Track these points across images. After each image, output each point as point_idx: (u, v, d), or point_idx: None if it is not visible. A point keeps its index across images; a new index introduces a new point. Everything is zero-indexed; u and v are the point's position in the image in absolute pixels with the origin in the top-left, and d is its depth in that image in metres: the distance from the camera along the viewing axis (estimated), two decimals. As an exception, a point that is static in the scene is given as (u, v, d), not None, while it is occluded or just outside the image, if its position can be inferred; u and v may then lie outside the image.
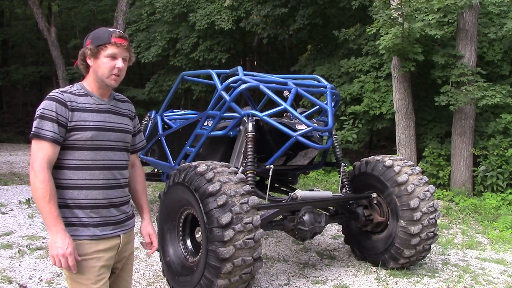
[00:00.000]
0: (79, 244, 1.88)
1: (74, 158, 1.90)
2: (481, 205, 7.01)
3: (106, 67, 1.93)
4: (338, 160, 4.53)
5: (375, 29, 7.65)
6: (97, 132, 1.92)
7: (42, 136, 1.83)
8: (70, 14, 20.55)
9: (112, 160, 1.99)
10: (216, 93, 4.41)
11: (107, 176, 1.96)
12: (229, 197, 3.17)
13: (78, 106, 1.91)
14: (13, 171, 9.64)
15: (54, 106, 1.87)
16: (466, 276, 4.26)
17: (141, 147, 2.28)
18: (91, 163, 1.92)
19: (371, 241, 4.34)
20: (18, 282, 3.74)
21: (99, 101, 1.99)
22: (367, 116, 9.30)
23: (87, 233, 1.90)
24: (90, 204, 1.91)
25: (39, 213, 6.03)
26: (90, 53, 1.94)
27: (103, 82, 1.96)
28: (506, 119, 7.67)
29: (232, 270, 3.09)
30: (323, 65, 10.86)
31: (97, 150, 1.93)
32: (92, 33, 1.99)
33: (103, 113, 1.98)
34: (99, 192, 1.93)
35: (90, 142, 1.91)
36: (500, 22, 8.08)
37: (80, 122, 1.89)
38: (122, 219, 2.03)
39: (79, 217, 1.90)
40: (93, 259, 1.90)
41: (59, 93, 1.91)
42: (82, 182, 1.90)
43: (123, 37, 1.97)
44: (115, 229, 1.99)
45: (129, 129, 2.10)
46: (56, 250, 1.78)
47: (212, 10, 11.89)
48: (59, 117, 1.86)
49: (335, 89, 4.50)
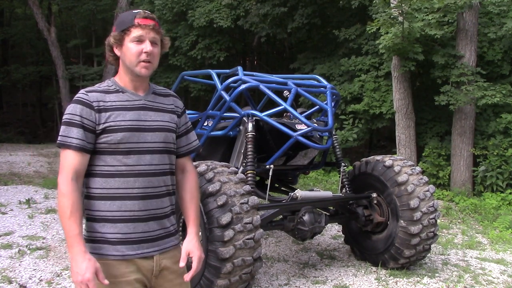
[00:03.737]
0: (107, 264, 1.63)
1: (106, 164, 1.65)
2: (481, 205, 7.01)
3: (132, 53, 1.66)
4: (338, 160, 4.53)
5: (375, 28, 7.65)
6: (129, 133, 1.65)
7: (68, 145, 1.61)
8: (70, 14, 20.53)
9: (151, 165, 1.69)
10: (216, 93, 4.41)
11: (144, 184, 1.67)
12: (229, 197, 3.17)
13: (106, 105, 1.66)
14: (13, 171, 9.64)
15: (78, 109, 1.64)
16: (466, 276, 4.26)
17: (194, 148, 1.91)
18: (124, 169, 1.65)
19: (371, 241, 4.34)
20: (18, 282, 3.74)
21: (133, 96, 1.72)
22: (367, 115, 9.31)
23: (115, 253, 1.64)
24: (124, 216, 1.65)
25: (39, 213, 6.06)
26: (114, 40, 1.69)
27: (133, 72, 1.69)
28: (507, 119, 7.67)
29: (232, 270, 3.09)
30: (324, 64, 10.87)
31: (130, 154, 1.66)
32: (117, 18, 1.75)
33: (137, 110, 1.70)
34: (134, 203, 1.66)
35: (123, 145, 1.65)
36: (500, 21, 8.08)
37: (110, 123, 1.64)
38: (160, 235, 1.72)
39: (108, 233, 1.65)
40: (121, 282, 1.63)
41: (84, 93, 1.68)
42: (115, 191, 1.65)
43: (149, 17, 1.68)
44: (152, 247, 1.70)
45: (172, 127, 1.77)
46: (75, 276, 1.52)
47: (211, 8, 11.91)
48: (85, 121, 1.63)
49: (335, 89, 4.50)
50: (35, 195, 7.16)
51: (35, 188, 7.86)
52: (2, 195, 7.15)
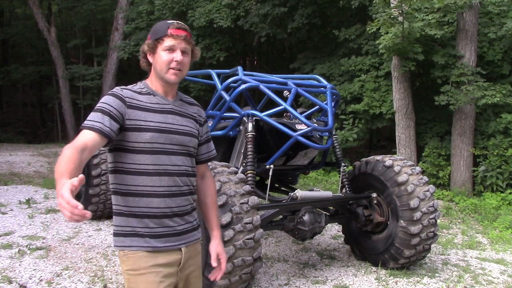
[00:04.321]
0: (136, 257, 1.72)
1: (134, 162, 1.73)
2: (481, 205, 7.01)
3: (163, 61, 1.77)
4: (338, 160, 4.52)
5: (375, 28, 7.65)
6: (157, 133, 1.75)
7: (87, 126, 1.66)
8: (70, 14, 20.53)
9: (175, 166, 1.79)
10: (216, 93, 4.41)
11: (169, 182, 1.77)
12: (229, 197, 3.17)
13: (137, 104, 1.76)
14: (13, 171, 9.64)
15: (110, 99, 1.72)
16: (466, 276, 4.26)
17: (212, 156, 2.05)
18: (152, 168, 1.74)
19: (371, 241, 4.34)
20: (18, 282, 3.74)
21: (163, 100, 1.83)
22: (367, 115, 9.31)
23: (145, 245, 1.73)
24: (151, 213, 1.74)
25: (39, 213, 6.06)
26: (147, 48, 1.81)
27: (163, 78, 1.80)
28: (507, 119, 7.67)
29: (232, 270, 3.09)
30: (324, 64, 10.87)
31: (157, 154, 1.75)
32: (153, 27, 1.86)
33: (166, 113, 1.81)
34: (160, 200, 1.75)
35: (150, 145, 1.74)
36: (500, 21, 8.09)
37: (140, 122, 1.73)
38: (186, 229, 1.84)
39: (137, 227, 1.74)
40: (151, 273, 1.72)
41: (119, 89, 1.79)
42: (142, 188, 1.74)
43: (182, 28, 1.80)
44: (178, 241, 1.80)
45: (195, 133, 1.89)
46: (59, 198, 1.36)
47: (211, 8, 11.91)
48: (113, 110, 1.69)
49: (335, 89, 4.50)
50: (35, 195, 7.16)
51: (35, 188, 7.86)
52: (2, 195, 7.15)
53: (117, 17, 16.12)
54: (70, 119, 17.72)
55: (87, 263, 4.27)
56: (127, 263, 1.74)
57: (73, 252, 4.58)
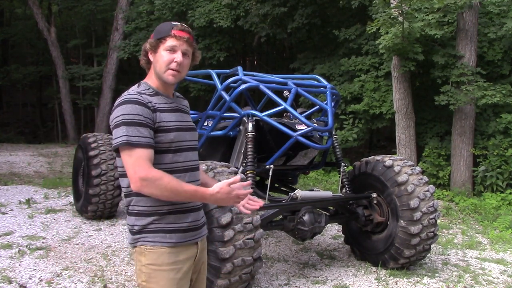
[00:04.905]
0: (158, 252, 1.77)
1: (159, 162, 1.75)
2: (481, 205, 7.01)
3: (164, 61, 1.79)
4: (338, 160, 4.52)
5: (374, 28, 7.65)
6: (178, 132, 1.81)
7: (135, 144, 1.67)
8: (70, 14, 20.52)
9: (191, 161, 1.87)
10: (216, 93, 4.41)
11: (191, 178, 1.84)
12: (229, 197, 3.17)
13: (155, 106, 1.78)
14: (13, 171, 9.64)
15: (139, 109, 1.71)
16: (466, 276, 4.26)
17: None
18: (174, 167, 1.79)
19: (371, 241, 4.34)
20: (18, 282, 3.74)
21: (168, 99, 1.86)
22: (367, 115, 9.31)
23: (168, 240, 1.78)
24: (174, 209, 1.79)
25: (39, 213, 6.06)
26: (150, 46, 1.83)
27: (161, 77, 1.82)
28: (507, 119, 7.67)
29: (232, 270, 3.09)
30: (324, 64, 10.87)
31: (179, 151, 1.81)
32: (157, 27, 1.89)
33: (175, 112, 1.86)
34: None
35: (174, 144, 1.79)
36: (500, 21, 8.08)
37: (163, 123, 1.77)
38: (202, 224, 1.92)
39: (161, 224, 1.78)
40: (172, 270, 1.78)
41: (137, 94, 1.77)
42: None
43: (185, 30, 1.83)
44: (195, 236, 1.87)
45: (194, 126, 1.97)
46: (231, 200, 1.76)
47: (211, 8, 11.91)
48: (147, 120, 1.72)
49: (335, 89, 4.50)
50: (35, 195, 7.16)
51: (35, 188, 7.86)
52: (2, 195, 7.15)
53: (117, 17, 16.12)
54: (70, 119, 17.71)
55: (87, 263, 4.27)
56: (149, 257, 1.77)
57: (73, 252, 4.58)
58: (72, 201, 6.57)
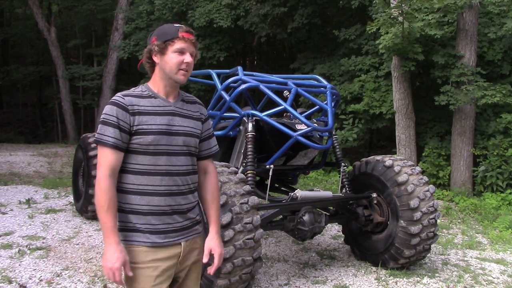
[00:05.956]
0: (136, 251, 1.82)
1: (137, 163, 1.83)
2: (481, 205, 7.01)
3: (174, 62, 1.85)
4: (338, 160, 4.52)
5: (375, 28, 7.65)
6: (159, 136, 1.83)
7: (104, 142, 1.78)
8: (70, 14, 20.52)
9: (175, 166, 1.87)
10: (216, 93, 4.41)
11: (168, 182, 1.85)
12: (229, 197, 3.17)
13: (140, 109, 1.83)
14: (13, 171, 9.64)
15: (115, 111, 1.80)
16: (466, 276, 4.26)
17: (214, 152, 2.11)
18: (152, 169, 1.83)
19: (371, 241, 4.34)
20: (18, 282, 3.74)
21: (164, 102, 1.89)
22: (367, 115, 9.31)
23: (145, 240, 1.82)
24: (152, 210, 1.83)
25: (39, 213, 6.06)
26: (158, 49, 1.86)
27: (171, 78, 1.88)
28: (507, 119, 7.67)
29: (232, 270, 3.09)
30: (324, 64, 10.87)
31: (158, 155, 1.84)
32: (157, 30, 1.92)
33: (167, 115, 1.87)
34: (160, 199, 1.84)
35: (153, 147, 1.82)
36: (500, 21, 8.08)
37: (142, 126, 1.82)
38: (186, 226, 1.92)
39: (139, 223, 1.83)
40: (149, 268, 1.82)
41: (121, 97, 1.85)
42: (144, 187, 1.83)
43: (190, 31, 1.90)
44: (177, 237, 1.89)
45: (196, 132, 1.96)
46: (105, 262, 1.74)
47: (211, 8, 11.91)
48: (120, 122, 1.79)
49: (335, 89, 4.50)
50: (35, 195, 7.16)
51: (35, 188, 7.86)
52: (2, 195, 7.15)
53: (117, 17, 16.12)
54: (70, 119, 17.72)
55: (87, 263, 4.27)
56: (129, 255, 1.81)
57: (73, 252, 4.58)
58: (72, 201, 6.58)
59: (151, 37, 1.91)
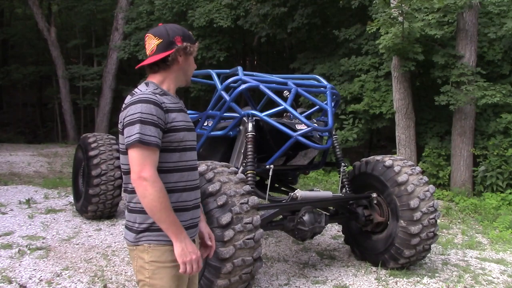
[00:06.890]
0: (161, 250, 1.79)
1: (166, 161, 1.80)
2: (481, 205, 7.01)
3: (194, 67, 1.96)
4: (338, 160, 4.53)
5: (375, 28, 7.65)
6: (185, 132, 1.86)
7: (148, 142, 1.72)
8: (70, 14, 20.51)
9: (193, 160, 1.93)
10: (216, 93, 4.41)
11: (193, 177, 1.90)
12: (229, 197, 3.17)
13: (167, 106, 1.82)
14: (13, 171, 9.64)
15: (153, 109, 1.75)
16: (466, 276, 4.26)
17: None
18: (181, 165, 1.85)
19: (371, 241, 4.34)
20: (18, 282, 3.74)
21: (175, 99, 1.91)
22: (367, 115, 9.31)
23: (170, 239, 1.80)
24: (179, 207, 1.82)
25: (39, 213, 6.06)
26: (190, 50, 1.89)
27: (186, 81, 1.96)
28: (507, 119, 7.67)
29: (232, 270, 3.09)
30: (324, 64, 10.87)
31: (185, 151, 1.87)
32: (179, 29, 1.88)
33: (182, 112, 1.91)
34: (188, 194, 1.87)
35: (183, 143, 1.85)
36: (500, 21, 8.08)
37: (174, 123, 1.82)
38: (198, 222, 1.96)
39: None
40: (175, 267, 1.79)
41: (152, 94, 1.80)
42: (174, 185, 1.82)
43: None
44: (195, 232, 1.93)
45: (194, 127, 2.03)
46: (189, 255, 1.74)
47: (211, 8, 11.91)
48: (159, 120, 1.77)
49: (335, 89, 4.50)
50: (35, 195, 7.16)
51: (35, 188, 7.86)
52: (2, 195, 7.15)
53: (117, 17, 16.11)
54: (70, 119, 17.70)
55: (87, 263, 4.27)
56: (152, 254, 1.80)
57: (73, 252, 4.58)
58: (72, 201, 6.58)
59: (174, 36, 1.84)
